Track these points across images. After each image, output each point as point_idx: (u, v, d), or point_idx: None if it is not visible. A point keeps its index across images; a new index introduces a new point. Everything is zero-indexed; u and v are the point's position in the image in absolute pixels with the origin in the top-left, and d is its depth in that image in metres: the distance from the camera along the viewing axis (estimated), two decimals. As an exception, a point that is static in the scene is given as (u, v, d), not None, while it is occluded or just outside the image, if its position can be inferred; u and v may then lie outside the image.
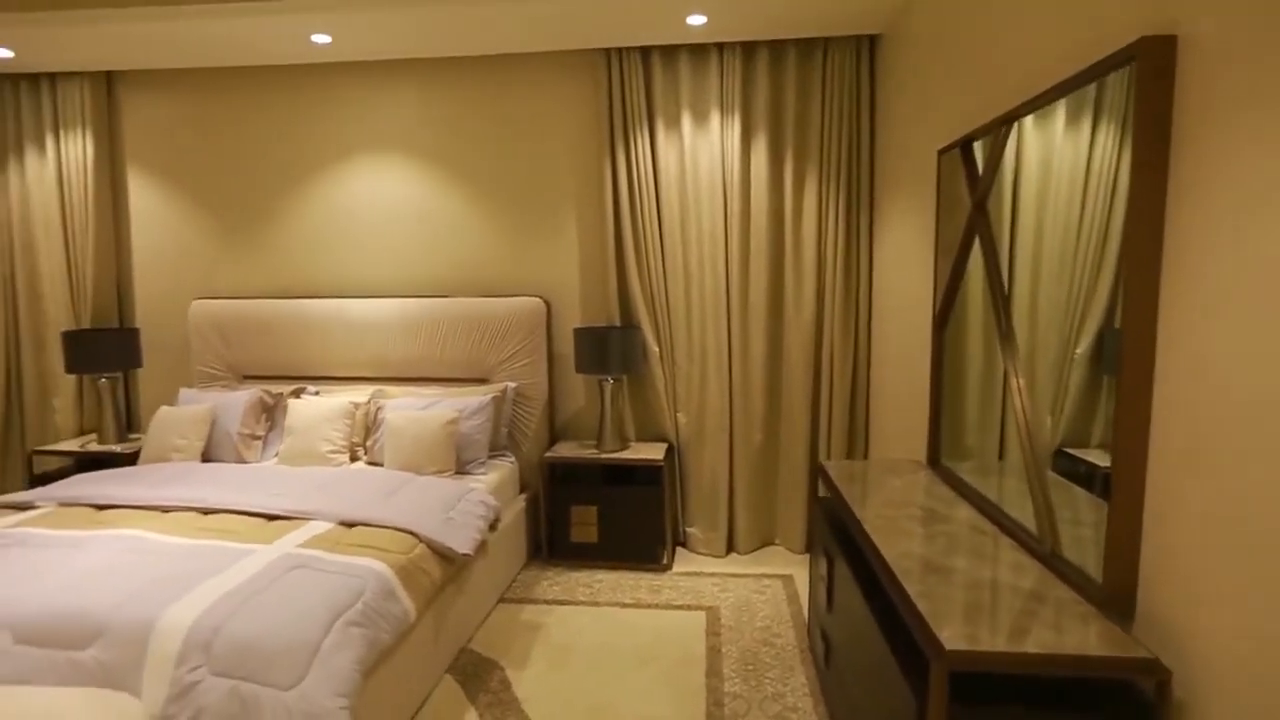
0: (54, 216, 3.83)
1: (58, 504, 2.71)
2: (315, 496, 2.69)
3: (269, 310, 3.76)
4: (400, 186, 3.75)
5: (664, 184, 3.50)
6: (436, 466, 3.12)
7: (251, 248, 3.88)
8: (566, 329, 3.74)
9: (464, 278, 3.77)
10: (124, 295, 3.98)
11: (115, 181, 3.90)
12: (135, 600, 1.93)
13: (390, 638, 2.06)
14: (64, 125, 3.77)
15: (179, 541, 2.32)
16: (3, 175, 3.85)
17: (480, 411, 3.34)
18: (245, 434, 3.43)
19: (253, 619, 1.87)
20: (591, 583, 3.27)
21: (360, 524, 2.50)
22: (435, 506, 2.68)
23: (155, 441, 3.34)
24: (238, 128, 3.81)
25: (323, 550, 2.27)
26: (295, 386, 3.70)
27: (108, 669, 1.84)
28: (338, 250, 3.83)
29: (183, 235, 3.91)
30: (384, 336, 3.67)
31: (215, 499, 2.64)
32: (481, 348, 3.62)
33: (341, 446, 3.32)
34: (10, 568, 2.15)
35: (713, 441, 3.56)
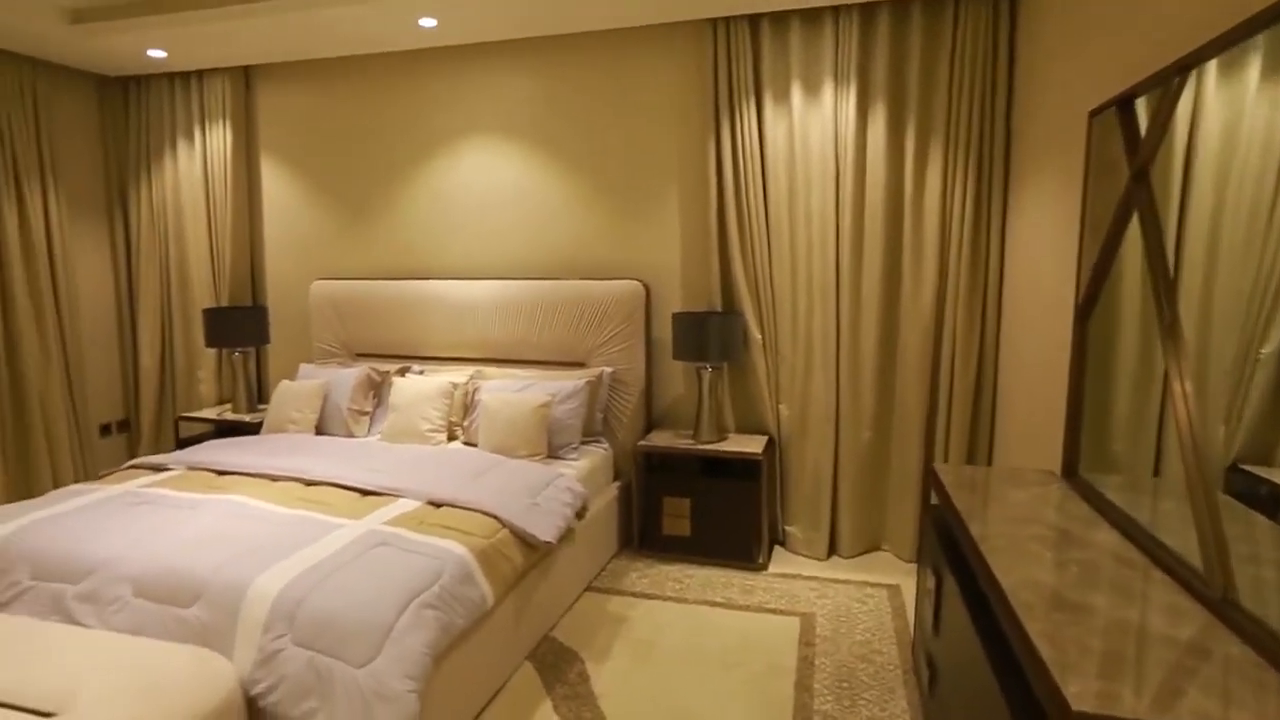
0: (199, 203, 4.15)
1: (186, 467, 2.92)
2: (407, 474, 2.73)
3: (379, 291, 3.90)
4: (503, 169, 3.76)
5: (771, 161, 3.28)
6: (528, 450, 3.11)
7: (366, 230, 4.03)
8: (666, 314, 3.62)
9: (564, 260, 3.73)
10: (256, 275, 4.27)
11: (250, 170, 4.18)
12: (231, 566, 2.02)
13: (465, 622, 2.04)
14: (208, 118, 4.07)
15: (279, 510, 2.42)
16: (159, 167, 4.22)
17: (574, 396, 3.29)
18: (354, 409, 3.57)
19: (332, 594, 1.90)
20: (681, 578, 3.15)
21: (447, 504, 2.51)
22: (521, 491, 2.65)
23: (275, 413, 3.55)
24: (355, 116, 3.96)
25: (407, 529, 2.28)
26: (401, 365, 3.82)
27: (207, 629, 1.92)
28: (443, 233, 3.90)
29: (307, 219, 4.13)
30: (484, 318, 3.71)
31: (318, 471, 2.75)
32: (579, 331, 3.57)
33: (440, 425, 3.38)
34: (136, 525, 2.32)
35: (817, 436, 3.33)
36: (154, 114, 4.20)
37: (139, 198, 4.27)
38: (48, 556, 2.18)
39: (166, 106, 4.18)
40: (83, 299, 4.22)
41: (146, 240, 4.28)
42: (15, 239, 3.74)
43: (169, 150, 4.19)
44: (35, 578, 2.16)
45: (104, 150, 4.31)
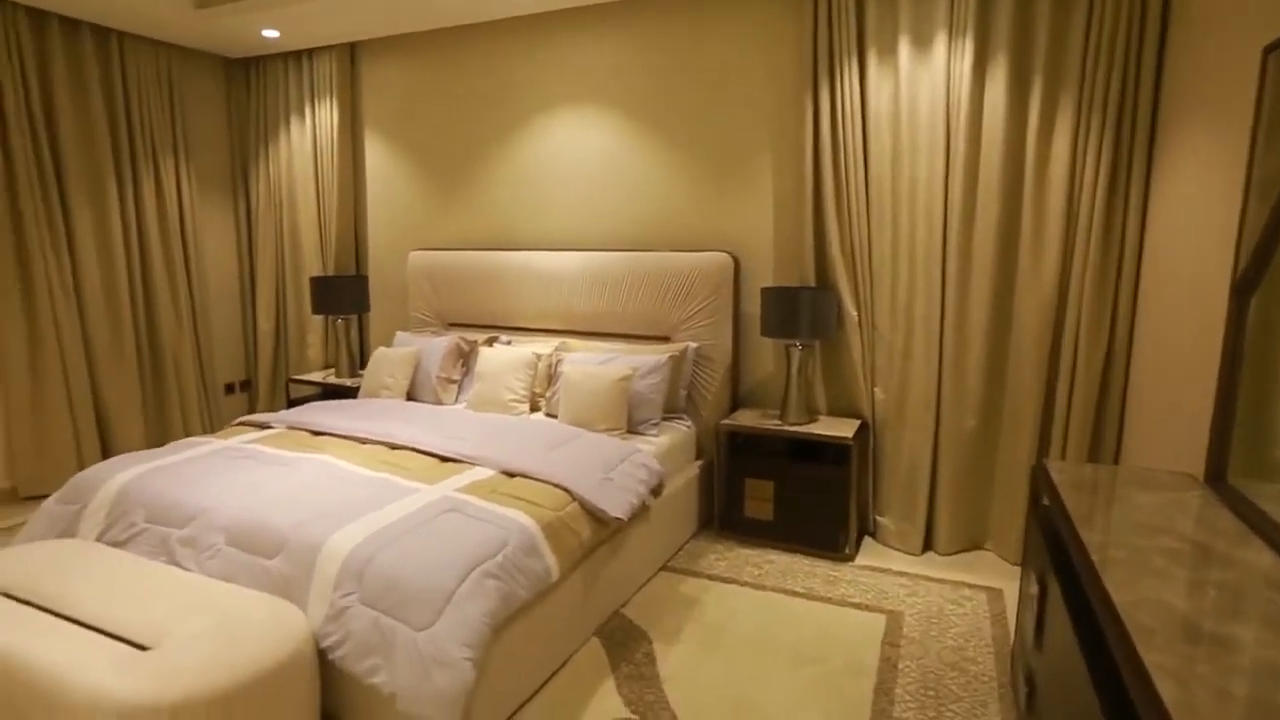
0: (309, 177, 4.36)
1: (286, 426, 3.08)
2: (484, 443, 2.75)
3: (470, 261, 3.95)
4: (592, 138, 3.69)
5: (873, 125, 3.03)
6: (607, 424, 3.06)
7: (460, 202, 4.10)
8: (755, 288, 3.45)
9: (651, 231, 3.63)
10: (360, 245, 4.44)
11: (355, 144, 4.33)
12: (310, 523, 2.09)
13: (527, 594, 2.02)
14: (317, 95, 4.25)
15: (361, 472, 2.50)
16: (275, 143, 4.46)
17: (656, 371, 3.21)
18: (442, 377, 3.65)
19: (398, 557, 1.92)
20: (761, 563, 3.03)
21: (520, 475, 2.50)
22: (595, 465, 2.60)
23: (370, 378, 3.69)
24: (452, 88, 4.00)
25: (478, 497, 2.29)
26: (490, 335, 3.87)
27: (287, 581, 2.00)
28: (533, 203, 3.90)
29: (406, 191, 4.24)
30: (571, 290, 3.68)
31: (402, 436, 2.82)
32: (665, 305, 3.47)
33: (523, 396, 3.39)
34: (235, 477, 2.45)
35: (915, 423, 3.08)
36: (270, 92, 4.43)
37: (258, 172, 4.54)
38: (158, 502, 2.34)
39: (281, 85, 4.40)
40: (209, 267, 4.55)
41: (264, 212, 4.55)
42: (153, 212, 4.06)
43: (283, 127, 4.42)
44: (148, 520, 2.33)
45: (229, 128, 4.60)
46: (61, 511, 2.52)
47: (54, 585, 2.02)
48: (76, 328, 3.73)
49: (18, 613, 1.92)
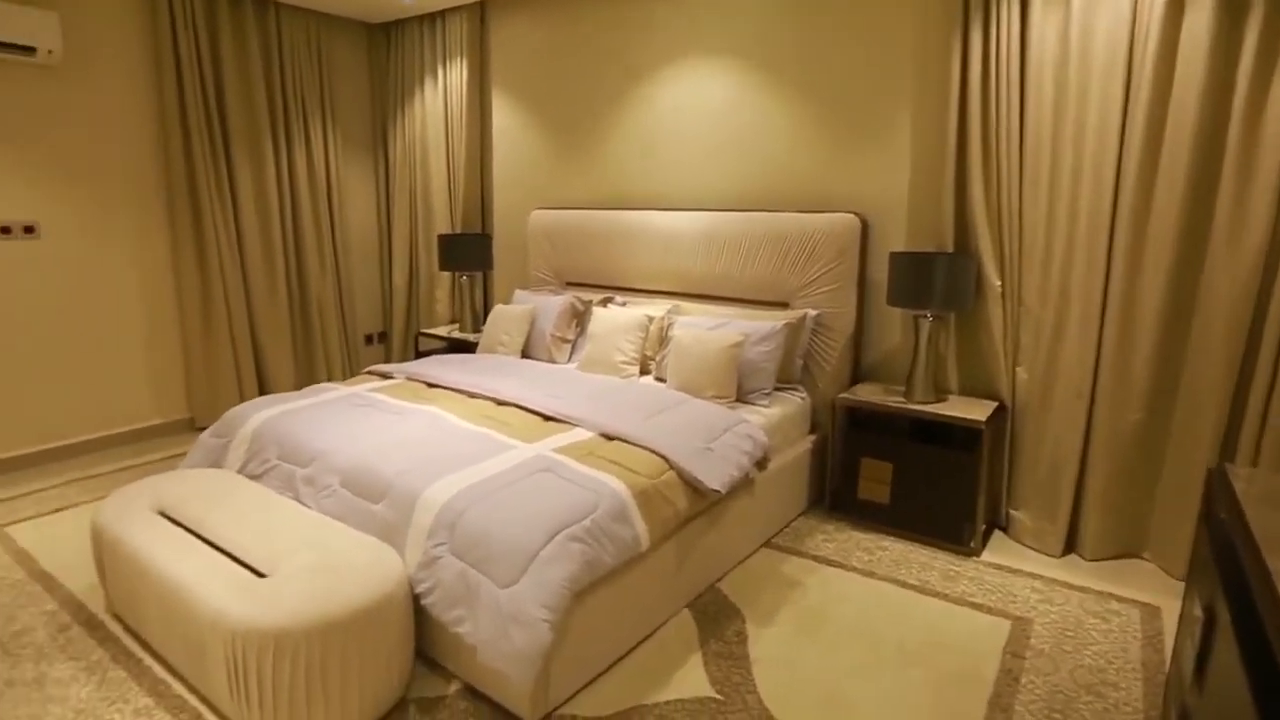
0: (440, 137, 4.49)
1: (405, 378, 3.23)
2: (587, 404, 2.73)
3: (589, 220, 3.92)
4: (714, 92, 3.51)
5: (1035, 65, 2.63)
6: (714, 391, 2.94)
7: (581, 160, 4.06)
8: (884, 252, 3.17)
9: (773, 190, 3.42)
10: (486, 204, 4.55)
11: (483, 104, 4.40)
12: (411, 472, 2.16)
13: (614, 560, 1.97)
14: (448, 56, 4.35)
15: (465, 426, 2.55)
16: (410, 104, 4.63)
17: (770, 338, 3.04)
18: (556, 336, 3.68)
19: (489, 511, 1.94)
20: (874, 549, 2.82)
21: (618, 439, 2.46)
22: (696, 434, 2.51)
23: (488, 335, 3.78)
24: (575, 45, 3.94)
25: (573, 458, 2.27)
26: (605, 295, 3.84)
27: (389, 526, 2.09)
28: (651, 161, 3.79)
29: (530, 150, 4.27)
30: (687, 250, 3.56)
31: (509, 393, 2.86)
32: (784, 268, 3.27)
33: (633, 358, 3.34)
34: (354, 424, 2.59)
35: (1063, 410, 2.72)
36: (407, 55, 4.59)
37: (395, 133, 4.74)
38: (287, 442, 2.52)
39: (415, 47, 4.54)
40: (352, 225, 4.84)
41: (399, 171, 4.76)
42: (304, 172, 4.36)
43: (418, 88, 4.57)
44: (279, 458, 2.52)
45: (370, 91, 4.83)
46: (214, 444, 2.78)
47: (199, 510, 2.23)
48: (239, 278, 4.10)
49: (170, 532, 2.13)
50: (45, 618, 2.32)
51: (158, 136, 3.81)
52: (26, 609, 2.37)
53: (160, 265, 3.91)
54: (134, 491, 2.37)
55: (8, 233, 3.38)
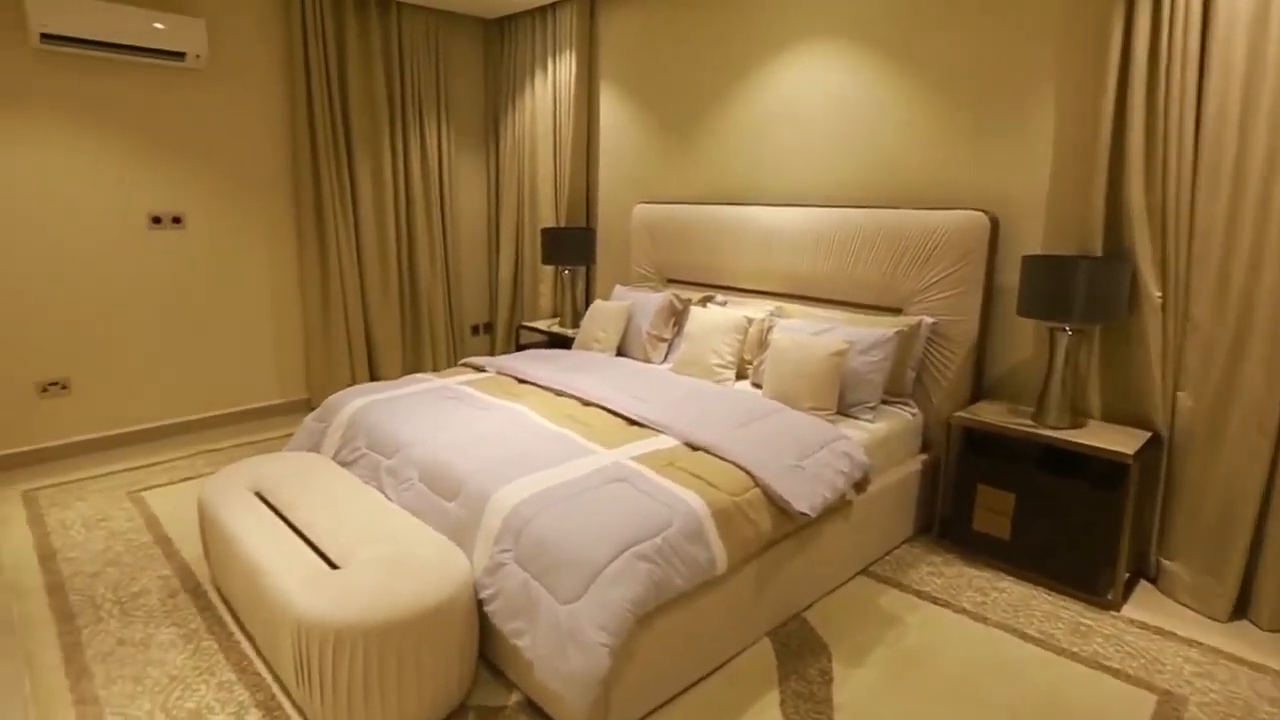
0: (548, 130, 4.49)
1: (497, 371, 3.22)
2: (673, 409, 2.59)
3: (691, 215, 3.78)
4: (827, 77, 3.25)
5: (1220, 31, 2.21)
6: (813, 402, 2.72)
7: (687, 153, 3.92)
8: (1016, 255, 2.81)
9: (889, 184, 3.13)
10: (591, 198, 4.50)
11: (590, 97, 4.35)
12: (485, 472, 2.11)
13: (685, 583, 1.83)
14: (558, 49, 4.32)
15: (547, 425, 2.49)
16: (520, 97, 4.66)
17: (878, 346, 2.77)
18: (653, 335, 3.56)
19: (556, 520, 1.85)
20: (988, 589, 2.51)
21: (703, 449, 2.31)
22: (788, 448, 2.31)
23: (584, 331, 3.73)
24: (686, 31, 3.80)
25: (651, 468, 2.14)
26: (705, 294, 3.68)
27: (460, 526, 2.05)
28: (758, 153, 3.58)
29: (636, 143, 4.17)
30: (793, 248, 3.33)
31: (596, 393, 2.77)
32: (899, 270, 2.98)
33: (729, 362, 3.17)
34: (439, 417, 2.59)
35: (1240, 445, 2.29)
36: (519, 49, 4.62)
37: (506, 126, 4.80)
38: (376, 431, 2.56)
39: (527, 41, 4.55)
40: (461, 217, 4.96)
41: (508, 164, 4.81)
42: (417, 165, 4.50)
43: (528, 82, 4.59)
44: (368, 447, 2.57)
45: (484, 86, 4.91)
46: (315, 428, 2.89)
47: (290, 493, 2.30)
48: (354, 269, 4.29)
49: (260, 513, 2.21)
50: (160, 582, 2.49)
51: (289, 135, 4.04)
52: (146, 571, 2.55)
53: (287, 255, 4.15)
54: (236, 471, 2.48)
55: (159, 223, 3.68)
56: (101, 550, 2.70)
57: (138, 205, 3.60)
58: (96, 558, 2.64)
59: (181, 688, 1.97)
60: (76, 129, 3.38)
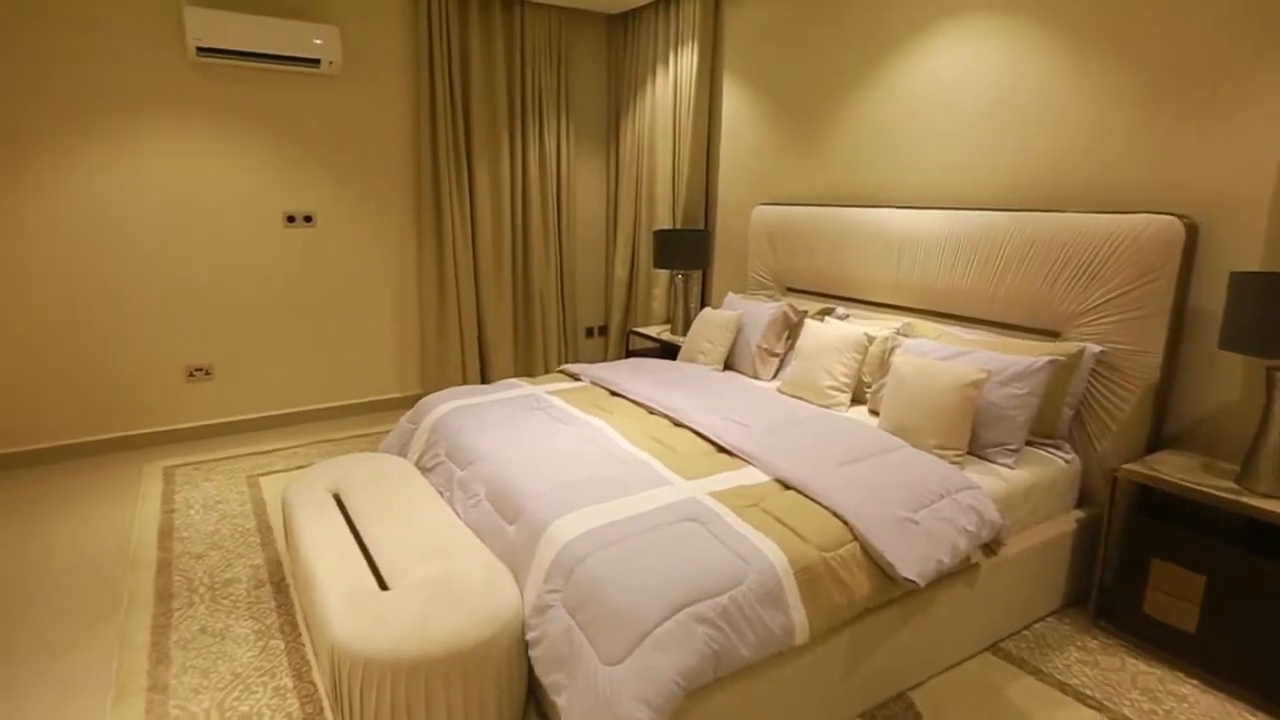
0: (667, 126, 4.28)
1: (590, 381, 3.06)
2: (768, 439, 2.29)
3: (813, 218, 3.42)
4: (981, 59, 2.78)
5: None
6: (938, 440, 2.31)
7: (811, 149, 3.56)
8: (1222, 270, 2.23)
9: (1050, 182, 2.62)
10: (710, 198, 4.24)
11: (712, 92, 4.09)
12: (547, 496, 1.93)
13: (752, 654, 1.55)
14: (680, 42, 4.10)
15: (625, 447, 2.28)
16: (641, 94, 4.48)
17: (1025, 377, 2.31)
18: (764, 349, 3.26)
19: (610, 563, 1.63)
20: (1161, 694, 1.99)
21: (796, 489, 2.00)
22: (898, 496, 1.94)
23: (690, 341, 3.48)
24: (818, 19, 3.44)
25: (731, 508, 1.87)
26: (825, 306, 3.32)
27: (516, 553, 1.89)
28: (894, 149, 3.16)
29: (758, 139, 3.86)
30: (928, 256, 2.90)
31: (687, 413, 2.53)
32: (1059, 286, 2.48)
33: (843, 384, 2.81)
34: (518, 429, 2.46)
35: None
36: (642, 44, 4.44)
37: (626, 124, 4.65)
38: (454, 439, 2.48)
39: (649, 35, 4.37)
40: (579, 217, 4.87)
41: (627, 163, 4.66)
42: (535, 165, 4.46)
43: (649, 77, 4.40)
44: (446, 455, 2.49)
45: (606, 83, 4.79)
46: (407, 429, 2.87)
47: (364, 499, 2.25)
48: (469, 267, 4.32)
49: (330, 518, 2.17)
50: (250, 572, 2.55)
51: (413, 137, 4.12)
52: (241, 560, 2.63)
53: (407, 254, 4.25)
54: (321, 470, 2.49)
55: (292, 221, 3.88)
56: (210, 532, 2.83)
57: (274, 205, 3.81)
58: (204, 539, 2.77)
59: (241, 688, 1.97)
60: (224, 134, 3.62)
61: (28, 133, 3.21)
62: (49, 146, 3.26)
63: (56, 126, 3.26)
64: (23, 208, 3.26)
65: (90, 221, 3.40)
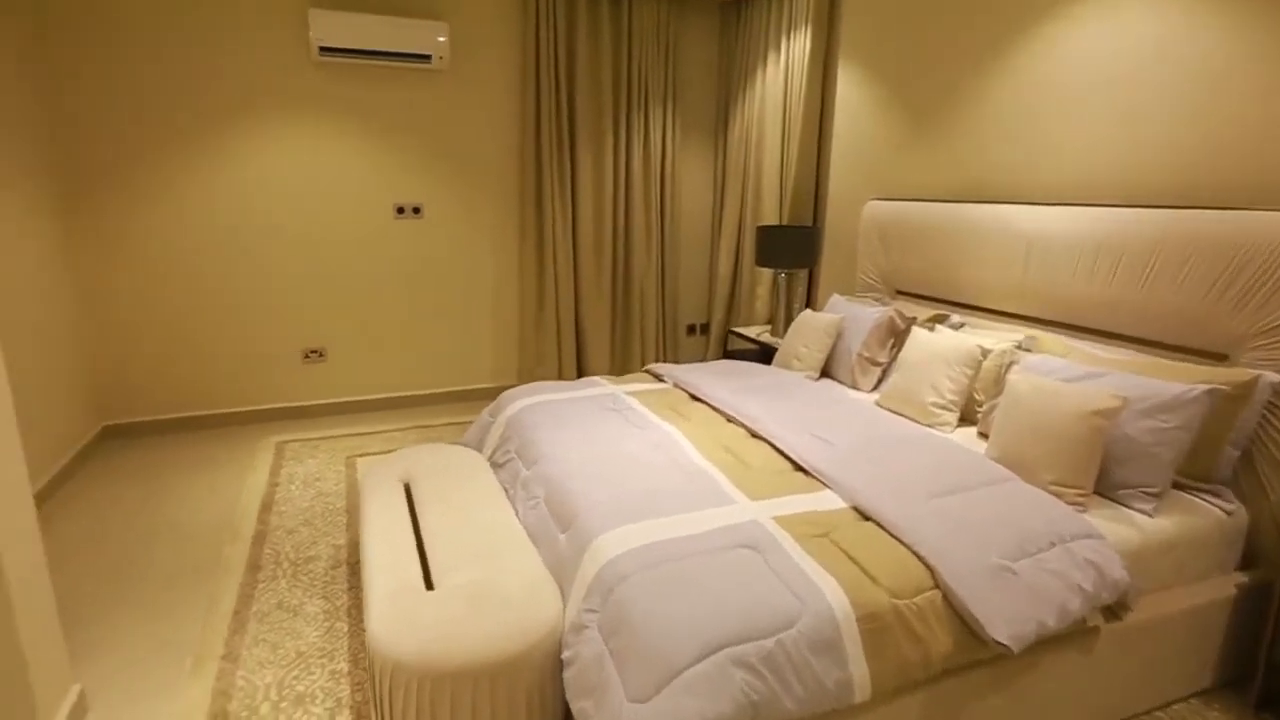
0: (776, 116, 4.05)
1: (674, 384, 2.93)
2: (852, 459, 2.06)
3: (928, 214, 3.09)
4: (1137, 29, 2.36)
5: None
6: (1055, 474, 1.98)
7: (932, 139, 3.22)
8: None
9: (1217, 174, 2.18)
10: (820, 192, 3.97)
11: (826, 78, 3.81)
12: (599, 506, 1.83)
13: (798, 708, 1.37)
14: (793, 26, 3.85)
15: (693, 458, 2.13)
16: (751, 83, 4.27)
17: (1175, 408, 1.93)
18: (865, 357, 2.99)
19: (650, 588, 1.50)
20: (1335, 809, 1.60)
21: (874, 520, 1.77)
22: (996, 540, 1.67)
23: (786, 345, 3.26)
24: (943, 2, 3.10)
25: (795, 537, 1.68)
26: (938, 312, 2.99)
27: (563, 564, 1.80)
28: (1025, 136, 2.78)
29: (874, 128, 3.55)
30: (1062, 259, 2.52)
31: (767, 424, 2.34)
32: (1225, 299, 2.06)
33: (949, 402, 2.50)
34: (587, 430, 2.38)
35: None
36: (754, 31, 4.22)
37: (735, 114, 4.45)
38: (525, 436, 2.43)
39: (760, 21, 4.14)
40: (684, 212, 4.73)
41: (734, 154, 4.46)
42: (640, 159, 4.36)
43: (760, 65, 4.18)
44: (516, 452, 2.45)
45: (716, 74, 4.61)
46: (486, 422, 2.87)
47: (431, 490, 2.26)
48: (569, 260, 4.30)
49: (395, 509, 2.18)
50: (331, 551, 2.64)
51: (517, 130, 4.15)
52: (326, 538, 2.74)
53: (509, 246, 4.30)
54: (397, 458, 2.53)
55: (402, 213, 4.03)
56: (305, 508, 2.97)
57: (385, 196, 3.96)
58: (298, 515, 2.91)
59: (301, 667, 2.02)
60: (340, 129, 3.80)
61: (175, 136, 3.51)
62: (192, 147, 3.55)
63: (198, 129, 3.54)
64: (161, 203, 3.57)
65: (222, 212, 3.68)
